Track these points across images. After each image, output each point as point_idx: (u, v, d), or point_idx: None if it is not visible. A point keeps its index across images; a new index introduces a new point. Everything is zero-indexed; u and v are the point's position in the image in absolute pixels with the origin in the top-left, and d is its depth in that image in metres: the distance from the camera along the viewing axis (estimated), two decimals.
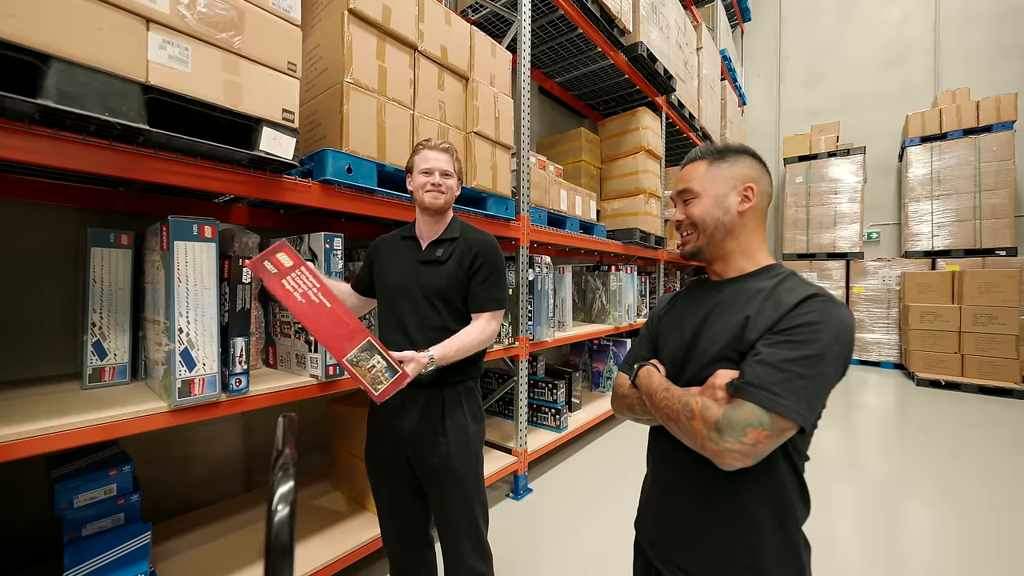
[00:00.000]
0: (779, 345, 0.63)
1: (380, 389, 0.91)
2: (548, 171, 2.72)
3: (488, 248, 1.22)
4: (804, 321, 0.63)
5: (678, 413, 0.67)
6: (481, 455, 1.23)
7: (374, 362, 0.91)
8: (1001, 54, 5.70)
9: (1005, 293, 4.52)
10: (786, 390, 0.60)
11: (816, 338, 0.62)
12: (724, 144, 0.79)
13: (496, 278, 1.22)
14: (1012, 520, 2.11)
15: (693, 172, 0.80)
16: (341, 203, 1.43)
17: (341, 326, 0.90)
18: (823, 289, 0.68)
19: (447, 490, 1.15)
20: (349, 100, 1.41)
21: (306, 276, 0.93)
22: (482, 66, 1.93)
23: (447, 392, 1.18)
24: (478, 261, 1.20)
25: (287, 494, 0.40)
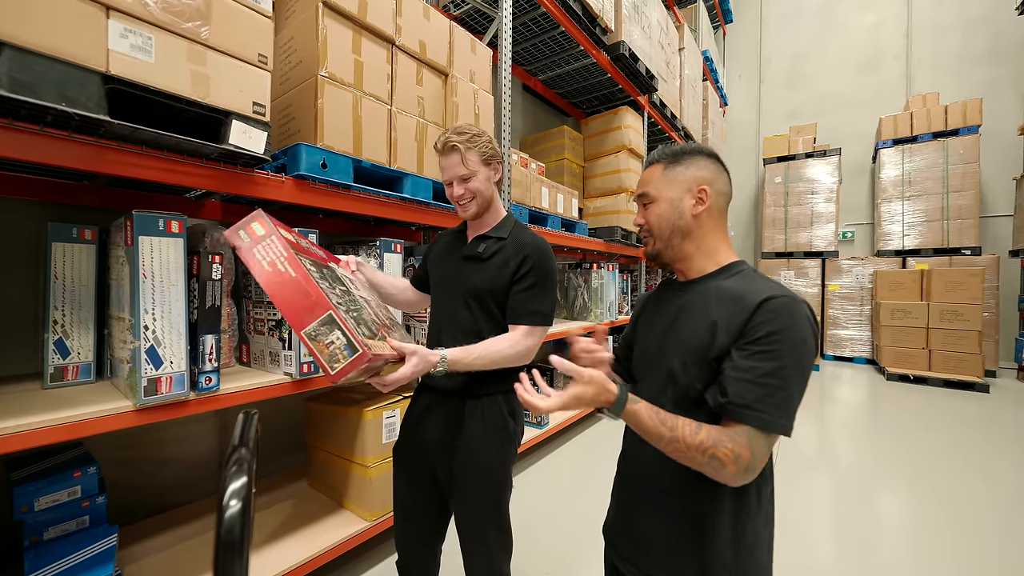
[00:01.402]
0: (754, 357, 0.64)
1: (336, 368, 0.81)
2: (530, 169, 2.72)
3: (539, 253, 1.10)
4: (772, 330, 0.64)
5: (701, 464, 0.65)
6: (504, 478, 1.11)
7: (333, 338, 0.81)
8: (968, 60, 5.91)
9: (970, 291, 4.72)
10: (770, 405, 0.63)
11: (786, 347, 0.64)
12: (680, 146, 0.80)
13: (542, 288, 1.09)
14: (973, 505, 2.22)
15: (650, 176, 0.81)
16: (316, 199, 1.41)
17: (302, 296, 0.81)
18: (778, 285, 0.70)
19: (459, 508, 1.11)
20: (324, 94, 1.39)
21: (275, 245, 0.85)
22: (462, 62, 1.93)
23: (469, 405, 1.09)
24: (526, 265, 1.08)
25: (240, 490, 0.40)
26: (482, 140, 1.10)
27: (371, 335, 0.88)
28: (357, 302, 0.98)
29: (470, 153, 1.09)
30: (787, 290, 0.69)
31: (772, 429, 0.63)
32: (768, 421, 0.62)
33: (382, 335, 0.94)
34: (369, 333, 0.88)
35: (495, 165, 1.13)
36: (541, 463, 2.67)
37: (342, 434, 1.71)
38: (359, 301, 1.00)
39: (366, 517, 1.63)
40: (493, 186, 1.15)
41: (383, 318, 1.10)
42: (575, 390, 0.68)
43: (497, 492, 1.10)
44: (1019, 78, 5.40)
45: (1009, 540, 1.93)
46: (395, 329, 1.14)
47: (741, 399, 0.63)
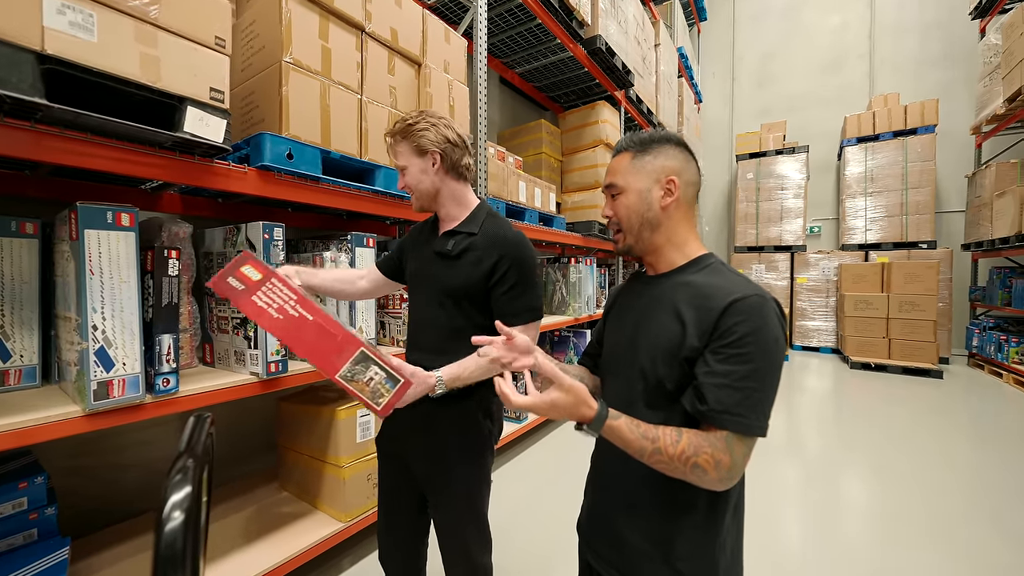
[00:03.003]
0: (729, 361, 0.64)
1: (382, 403, 0.81)
2: (507, 162, 2.70)
3: (515, 249, 1.03)
4: (744, 333, 0.64)
5: (684, 474, 0.64)
6: (479, 477, 1.07)
7: (371, 374, 0.81)
8: (926, 63, 6.19)
9: (926, 283, 4.97)
10: (748, 408, 0.63)
11: (759, 348, 0.64)
12: (648, 134, 0.78)
13: (525, 284, 1.03)
14: (931, 489, 2.34)
15: (618, 165, 0.79)
16: (282, 191, 1.36)
17: (327, 339, 0.80)
18: (746, 281, 0.69)
19: (435, 506, 1.09)
20: (289, 81, 1.33)
21: (279, 288, 0.82)
22: (435, 52, 1.88)
23: (440, 404, 1.02)
24: (503, 265, 1.01)
25: (182, 500, 0.37)
26: (417, 128, 1.03)
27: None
28: None
29: (400, 144, 1.05)
30: (754, 286, 0.68)
31: (752, 432, 0.63)
32: (748, 425, 0.63)
33: None
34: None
35: (432, 154, 1.04)
36: (520, 457, 2.68)
37: (314, 434, 1.66)
38: None
39: (340, 518, 1.59)
40: (437, 177, 1.06)
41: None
42: (553, 396, 0.65)
43: (473, 491, 1.07)
44: (971, 80, 5.68)
45: (970, 524, 2.05)
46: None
47: (720, 404, 0.63)
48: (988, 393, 4.19)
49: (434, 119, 1.05)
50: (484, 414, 1.07)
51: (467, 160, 1.09)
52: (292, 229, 2.09)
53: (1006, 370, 4.51)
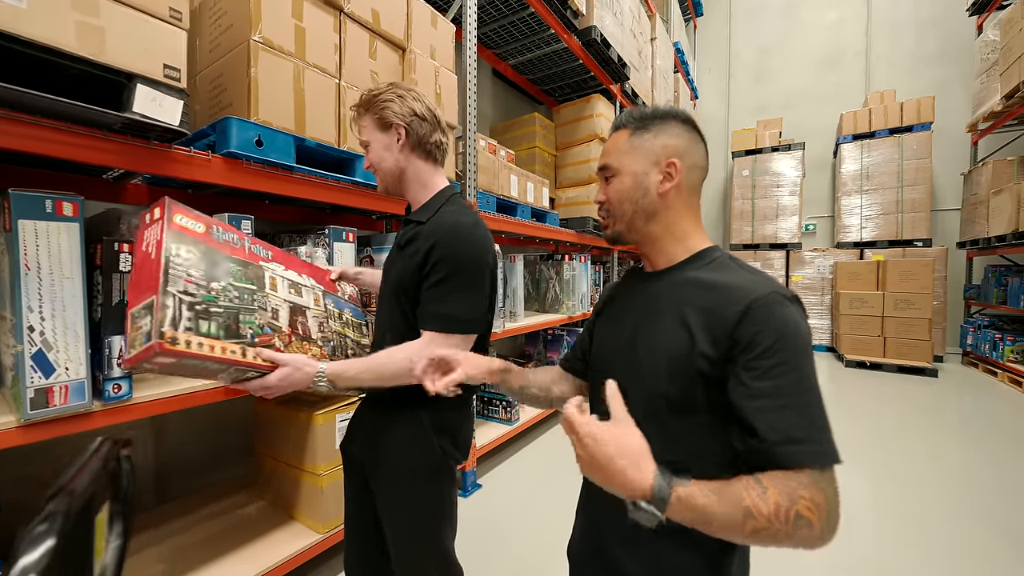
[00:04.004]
0: (769, 375, 0.52)
1: (130, 353, 0.73)
2: (499, 156, 2.61)
3: (451, 237, 0.87)
4: (774, 340, 0.53)
5: (790, 536, 0.48)
6: (432, 505, 0.94)
7: (143, 323, 0.73)
8: (922, 60, 6.16)
9: (921, 281, 4.94)
10: (814, 429, 0.51)
11: (794, 352, 0.54)
12: (651, 109, 0.69)
13: (453, 283, 0.86)
14: (925, 487, 2.29)
15: (614, 144, 0.70)
16: (250, 181, 1.26)
17: (149, 279, 0.75)
18: (759, 278, 0.60)
19: (387, 533, 0.98)
20: (258, 62, 1.23)
21: (156, 230, 0.79)
22: (421, 36, 1.78)
23: (388, 417, 0.95)
24: (433, 255, 0.87)
25: (34, 565, 0.28)
26: (381, 99, 0.93)
27: (240, 338, 0.82)
28: (256, 305, 0.89)
29: (364, 118, 0.96)
30: (770, 282, 0.59)
31: (831, 459, 0.50)
32: (823, 452, 0.50)
33: (277, 342, 0.90)
34: (237, 336, 0.82)
35: (396, 129, 0.93)
36: (513, 459, 2.60)
37: (292, 440, 1.57)
38: (273, 305, 0.92)
39: (317, 529, 1.50)
40: (402, 155, 0.95)
41: (311, 329, 1.00)
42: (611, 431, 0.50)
43: (422, 519, 0.94)
44: (967, 78, 5.65)
45: (964, 523, 2.00)
46: (327, 344, 1.04)
47: (777, 432, 0.50)
48: (983, 392, 4.17)
49: (402, 90, 0.95)
50: (437, 430, 0.93)
51: (437, 137, 0.98)
52: (270, 223, 1.99)
53: (1001, 368, 4.50)
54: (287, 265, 1.03)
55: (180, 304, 0.74)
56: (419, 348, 0.87)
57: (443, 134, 1.01)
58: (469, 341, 0.92)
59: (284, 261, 1.03)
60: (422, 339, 0.88)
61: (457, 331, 0.88)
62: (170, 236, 0.77)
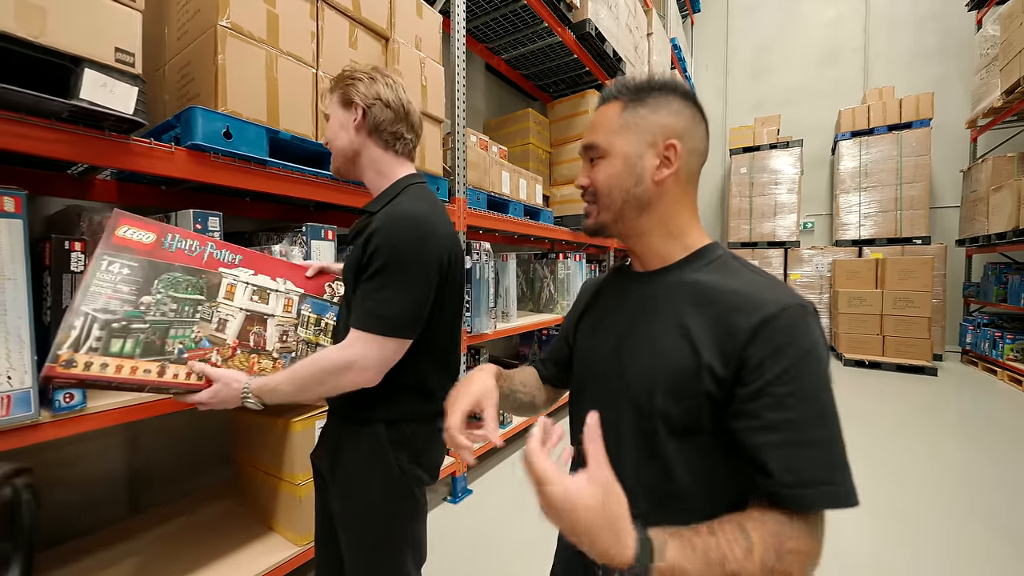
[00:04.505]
0: (784, 405, 0.46)
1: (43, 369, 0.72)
2: (491, 152, 2.54)
3: (392, 226, 0.79)
4: (791, 361, 0.46)
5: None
6: (389, 532, 0.86)
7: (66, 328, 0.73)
8: (920, 56, 6.10)
9: (920, 279, 4.89)
10: (834, 468, 0.46)
11: (816, 378, 0.47)
12: (647, 79, 0.59)
13: (389, 277, 0.78)
14: (924, 487, 2.24)
15: (603, 119, 0.60)
16: (220, 175, 1.19)
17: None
18: (772, 283, 0.52)
19: (344, 558, 0.91)
20: (226, 48, 1.16)
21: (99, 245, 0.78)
22: (405, 26, 1.71)
23: (345, 431, 0.89)
24: (371, 244, 0.80)
25: None
26: (351, 76, 0.89)
27: (163, 355, 0.80)
28: (199, 317, 0.86)
29: (333, 93, 0.92)
30: (785, 289, 0.51)
31: (848, 502, 0.45)
32: (841, 494, 0.45)
33: (215, 356, 0.86)
34: (161, 353, 0.80)
35: (356, 108, 0.87)
36: (504, 464, 2.54)
37: (270, 447, 1.50)
38: (222, 316, 0.88)
39: (296, 541, 1.44)
40: (358, 136, 0.89)
41: (267, 340, 0.94)
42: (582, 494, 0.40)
43: (379, 547, 0.86)
44: (966, 74, 5.60)
45: (964, 522, 1.95)
46: (285, 356, 0.98)
47: (794, 474, 0.44)
48: (983, 390, 4.13)
49: (378, 74, 0.90)
50: (395, 445, 0.85)
51: (398, 128, 0.91)
52: (251, 220, 1.92)
53: (1000, 367, 4.46)
54: (259, 269, 0.97)
55: (90, 323, 0.73)
56: (339, 351, 0.79)
57: (409, 129, 0.94)
58: (402, 346, 0.81)
59: (256, 265, 0.97)
60: (347, 339, 0.80)
61: (384, 332, 0.78)
62: (106, 250, 0.76)
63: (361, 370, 0.79)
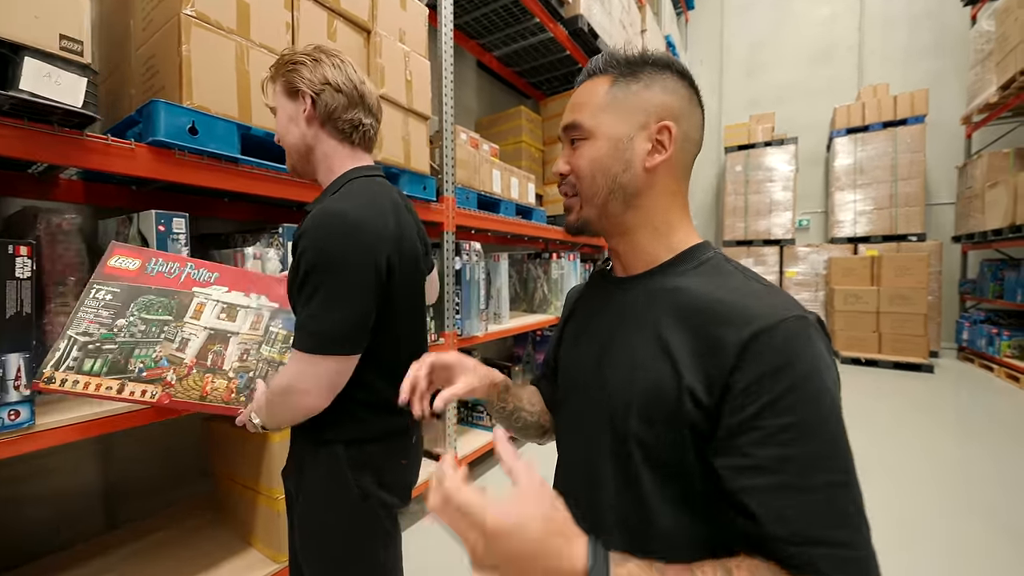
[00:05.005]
0: (774, 440, 0.38)
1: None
2: (482, 150, 2.47)
3: (316, 227, 0.70)
4: (787, 386, 0.38)
5: None
6: (345, 565, 0.80)
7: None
8: (915, 53, 6.09)
9: (916, 276, 4.87)
10: (844, 527, 0.37)
11: (819, 408, 0.39)
12: (639, 53, 0.52)
13: (315, 285, 0.69)
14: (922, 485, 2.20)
15: (588, 95, 0.52)
16: (185, 174, 1.12)
17: None
18: (768, 290, 0.44)
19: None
20: (191, 39, 1.09)
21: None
22: (388, 18, 1.64)
23: (306, 452, 0.82)
24: (297, 249, 0.72)
25: None
26: (292, 60, 0.81)
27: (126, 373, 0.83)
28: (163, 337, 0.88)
29: (274, 83, 0.85)
30: (783, 297, 0.44)
31: (862, 571, 0.36)
32: (857, 560, 0.36)
33: (171, 375, 0.86)
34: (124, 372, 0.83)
35: (303, 97, 0.80)
36: (499, 469, 2.48)
37: (246, 459, 1.43)
38: (185, 335, 0.90)
39: (274, 558, 1.37)
40: (310, 129, 0.82)
41: (226, 359, 0.92)
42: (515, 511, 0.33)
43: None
44: (961, 70, 5.58)
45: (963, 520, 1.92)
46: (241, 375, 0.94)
47: (789, 526, 0.36)
48: (980, 387, 4.11)
49: (322, 55, 0.82)
50: (356, 466, 0.78)
51: (355, 115, 0.83)
52: (230, 222, 1.85)
53: (997, 364, 4.44)
54: (233, 286, 0.95)
55: (72, 345, 0.80)
56: (280, 374, 0.76)
57: (366, 113, 0.86)
58: (344, 364, 0.73)
59: (231, 282, 0.96)
60: (289, 362, 0.74)
61: (315, 350, 0.70)
62: (97, 279, 0.85)
63: (302, 393, 0.72)
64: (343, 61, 0.84)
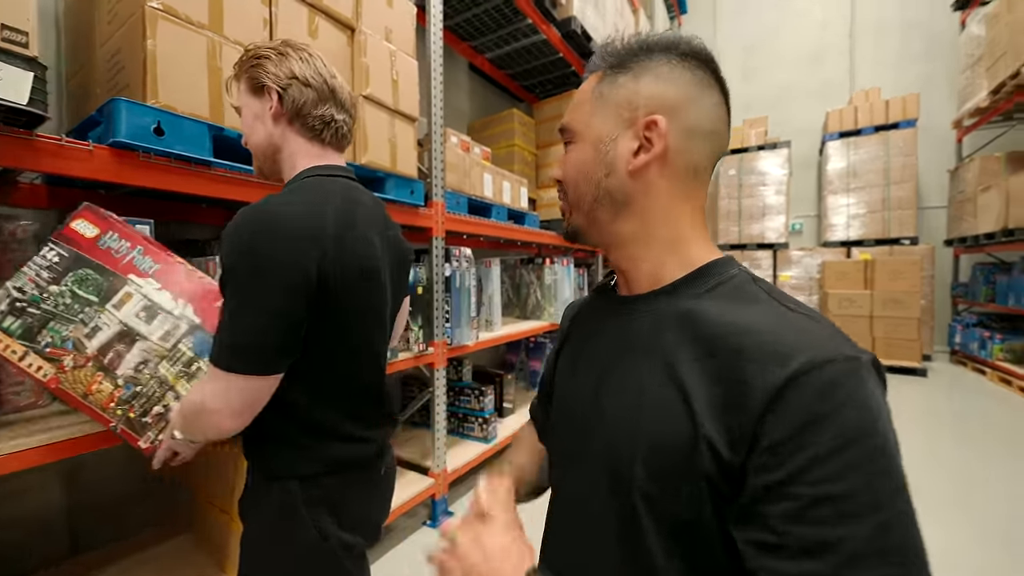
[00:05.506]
0: (812, 517, 0.30)
1: None
2: (473, 153, 2.41)
3: (234, 228, 0.64)
4: (835, 447, 0.30)
5: None
6: None
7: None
8: (906, 57, 6.14)
9: (909, 279, 4.88)
10: None
11: (873, 467, 0.30)
12: (637, 39, 0.46)
13: (230, 293, 0.63)
14: (911, 482, 2.17)
15: (580, 94, 0.48)
16: (150, 177, 1.04)
17: None
18: (807, 321, 0.36)
19: None
20: (156, 33, 1.02)
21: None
22: (374, 16, 1.58)
23: (257, 484, 0.75)
24: (220, 256, 0.66)
25: None
26: (256, 55, 0.75)
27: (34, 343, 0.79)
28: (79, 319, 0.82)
29: (238, 81, 0.79)
30: (828, 330, 0.36)
31: None
32: None
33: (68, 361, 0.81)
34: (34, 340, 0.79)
35: (269, 93, 0.74)
36: None
37: (219, 479, 1.35)
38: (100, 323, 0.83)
39: None
40: (276, 128, 0.76)
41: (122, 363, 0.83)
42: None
43: None
44: (951, 74, 5.63)
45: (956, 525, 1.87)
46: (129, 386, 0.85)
47: None
48: (972, 391, 4.11)
49: (288, 48, 0.76)
50: (312, 503, 0.70)
51: (325, 111, 0.77)
52: (210, 228, 1.77)
53: (990, 367, 4.44)
54: (166, 285, 0.85)
55: (3, 297, 0.78)
56: (193, 390, 0.69)
57: (339, 109, 0.80)
58: (258, 383, 0.63)
59: (167, 280, 0.86)
60: (205, 376, 0.69)
61: (227, 366, 0.62)
62: (53, 238, 0.81)
63: (213, 413, 0.64)
64: (311, 55, 0.77)
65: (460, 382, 2.55)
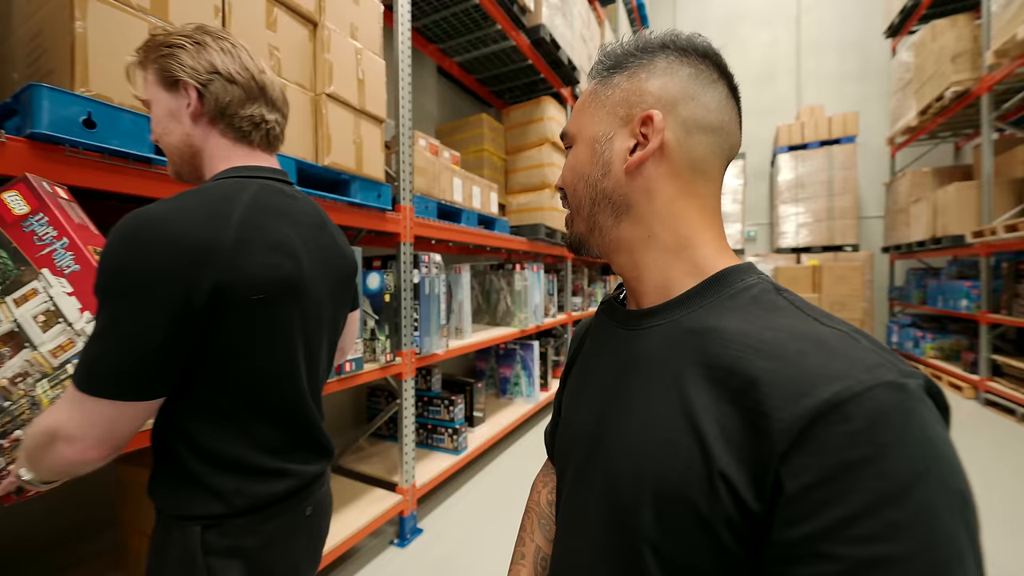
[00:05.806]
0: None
1: None
2: (442, 157, 2.36)
3: (111, 237, 0.55)
4: (880, 494, 0.25)
5: None
6: None
7: None
8: (845, 78, 6.64)
9: (852, 284, 5.23)
10: None
11: (926, 541, 0.24)
12: (634, 40, 0.45)
13: (99, 305, 0.55)
14: None
15: (580, 100, 0.47)
16: (80, 175, 0.93)
17: None
18: (843, 338, 0.30)
19: None
20: (86, 14, 0.91)
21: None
22: (338, 11, 1.51)
23: (157, 530, 0.67)
24: None
25: None
26: (166, 42, 0.66)
27: None
28: None
29: (145, 71, 0.69)
30: (860, 346, 0.29)
31: None
32: None
33: None
34: None
35: (186, 88, 0.65)
36: (461, 493, 2.33)
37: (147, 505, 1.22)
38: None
39: None
40: (196, 128, 0.68)
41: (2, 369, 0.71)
42: None
43: None
44: (884, 95, 6.14)
45: None
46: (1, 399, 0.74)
47: None
48: None
49: (206, 36, 0.67)
50: (223, 556, 0.61)
51: (255, 110, 0.69)
52: None
53: (923, 365, 4.82)
54: (78, 292, 0.73)
55: None
56: (45, 414, 0.56)
57: (269, 108, 0.71)
58: (126, 410, 0.55)
59: (79, 285, 0.74)
60: (61, 398, 0.57)
61: (92, 390, 0.53)
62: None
63: (66, 441, 0.54)
64: (234, 45, 0.69)
65: (429, 391, 2.47)
